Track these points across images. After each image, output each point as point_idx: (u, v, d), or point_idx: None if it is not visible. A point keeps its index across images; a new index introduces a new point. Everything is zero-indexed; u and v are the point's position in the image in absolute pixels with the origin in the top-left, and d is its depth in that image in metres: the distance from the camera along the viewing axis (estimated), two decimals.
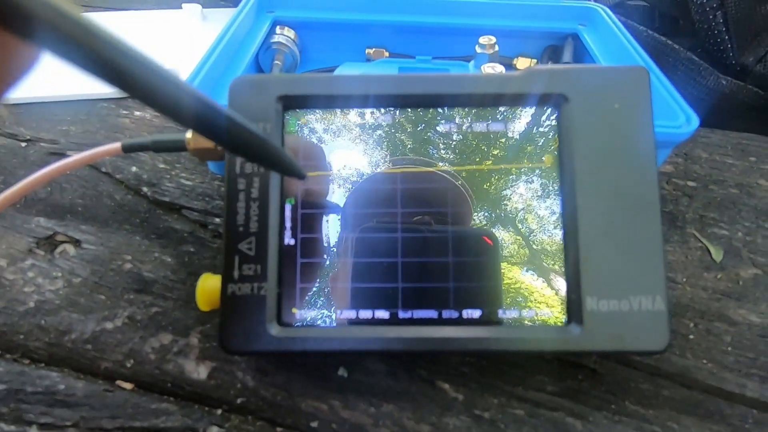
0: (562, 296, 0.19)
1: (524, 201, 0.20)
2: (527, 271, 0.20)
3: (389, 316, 0.19)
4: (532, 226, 0.20)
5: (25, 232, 0.26)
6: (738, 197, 0.30)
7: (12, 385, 0.20)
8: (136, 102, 0.36)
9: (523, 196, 0.20)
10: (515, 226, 0.20)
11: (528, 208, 0.20)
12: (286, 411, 0.20)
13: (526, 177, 0.20)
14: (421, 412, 0.20)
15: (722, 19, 0.35)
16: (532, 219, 0.20)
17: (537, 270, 0.20)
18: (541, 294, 0.19)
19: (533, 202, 0.20)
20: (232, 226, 0.19)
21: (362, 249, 0.20)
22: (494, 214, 0.20)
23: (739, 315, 0.24)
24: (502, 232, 0.20)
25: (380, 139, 0.21)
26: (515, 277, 0.20)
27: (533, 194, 0.20)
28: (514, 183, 0.20)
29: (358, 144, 0.21)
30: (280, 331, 0.19)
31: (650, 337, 0.18)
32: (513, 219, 0.20)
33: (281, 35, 0.36)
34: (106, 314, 0.23)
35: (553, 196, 0.20)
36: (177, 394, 0.20)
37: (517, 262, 0.20)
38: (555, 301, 0.19)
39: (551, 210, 0.20)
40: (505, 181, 0.20)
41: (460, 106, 0.21)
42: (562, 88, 0.20)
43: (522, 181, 0.20)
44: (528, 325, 0.19)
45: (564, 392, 0.21)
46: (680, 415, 0.20)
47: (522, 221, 0.20)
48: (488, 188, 0.20)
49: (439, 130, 0.21)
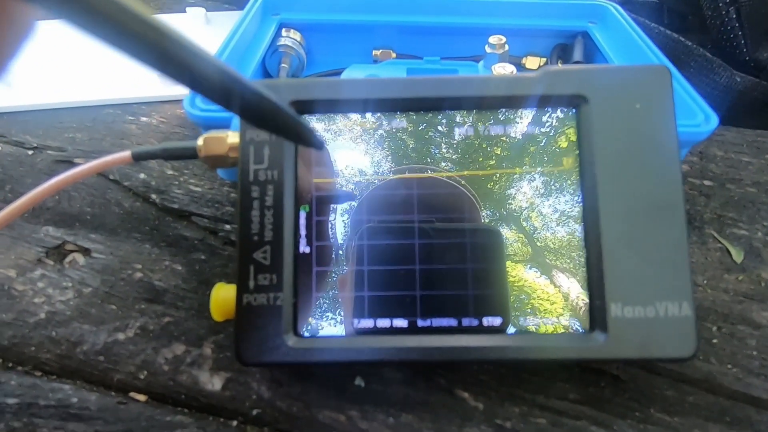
0: (586, 303, 0.19)
1: (542, 205, 0.20)
2: (547, 277, 0.19)
3: (408, 324, 0.19)
4: (552, 231, 0.19)
5: (34, 242, 0.26)
6: (756, 196, 0.30)
7: (24, 398, 0.20)
8: (142, 107, 0.36)
9: (540, 200, 0.20)
10: (530, 232, 0.20)
11: (545, 212, 0.20)
12: (303, 422, 0.20)
13: (542, 180, 0.20)
14: (441, 423, 0.20)
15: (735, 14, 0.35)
16: (552, 224, 0.20)
17: (558, 276, 0.19)
18: (563, 301, 0.19)
19: (551, 207, 0.20)
20: (247, 235, 0.19)
21: (375, 256, 0.19)
22: (506, 218, 0.20)
23: (763, 317, 0.23)
24: (515, 233, 0.19)
25: (393, 145, 0.20)
26: (534, 283, 0.19)
27: (550, 198, 0.20)
28: (529, 187, 0.20)
29: (371, 149, 0.20)
30: (297, 342, 0.18)
31: (677, 343, 0.18)
32: (528, 224, 0.20)
33: (287, 38, 0.36)
34: (118, 325, 0.22)
35: (573, 200, 0.20)
36: (191, 406, 0.20)
37: (534, 268, 0.19)
38: (578, 307, 0.19)
39: (571, 214, 0.19)
40: (520, 186, 0.20)
41: (477, 109, 0.20)
42: (581, 89, 0.19)
43: (537, 186, 0.20)
44: (551, 333, 0.19)
45: (587, 400, 0.20)
46: (707, 422, 0.20)
47: (540, 226, 0.20)
48: (500, 192, 0.20)
49: (454, 135, 0.20)
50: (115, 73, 0.38)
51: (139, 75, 0.38)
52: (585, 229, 0.19)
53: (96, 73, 0.38)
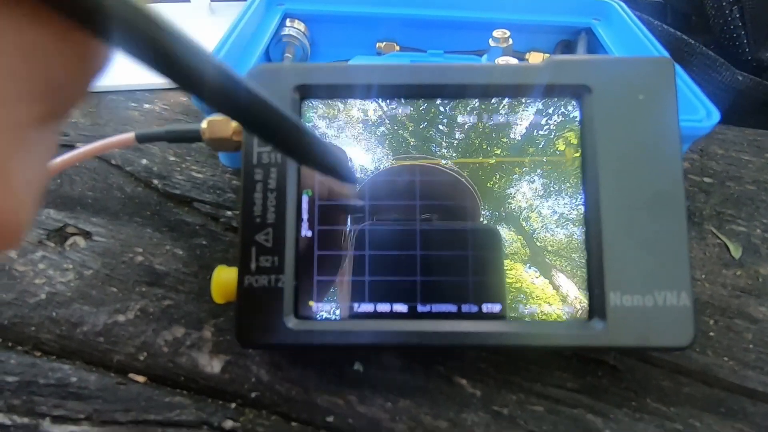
0: (585, 291, 0.19)
1: (542, 195, 0.20)
2: (547, 265, 0.19)
3: (407, 309, 0.19)
4: (552, 221, 0.20)
5: (35, 224, 0.26)
6: (755, 194, 0.30)
7: (24, 377, 0.20)
8: (145, 94, 0.36)
9: (541, 189, 0.20)
10: (533, 221, 0.20)
11: (547, 202, 0.20)
12: (302, 406, 0.20)
13: (544, 170, 0.20)
14: (439, 408, 0.20)
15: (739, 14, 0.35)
16: (552, 213, 0.20)
17: (558, 264, 0.19)
18: (563, 289, 0.19)
19: (552, 196, 0.20)
20: (249, 217, 0.19)
21: (377, 241, 0.19)
22: (507, 209, 0.20)
23: (759, 312, 0.23)
24: (515, 227, 0.20)
25: (395, 132, 0.20)
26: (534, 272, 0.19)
27: (551, 188, 0.20)
28: (531, 176, 0.20)
29: (375, 136, 0.20)
30: (298, 324, 0.18)
31: (675, 332, 0.18)
32: (529, 214, 0.20)
33: (291, 28, 0.36)
34: (118, 307, 0.23)
35: (574, 190, 0.20)
36: (190, 388, 0.20)
37: (534, 257, 0.19)
38: (577, 295, 0.19)
39: (572, 204, 0.20)
40: (521, 175, 0.20)
41: (481, 97, 0.20)
42: (585, 79, 0.19)
43: (539, 175, 0.20)
44: (550, 321, 0.19)
45: (584, 389, 0.20)
46: (702, 412, 0.20)
47: (541, 216, 0.20)
48: (499, 181, 0.20)
49: (457, 123, 0.20)
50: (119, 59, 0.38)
51: None
52: (586, 217, 0.19)
53: None
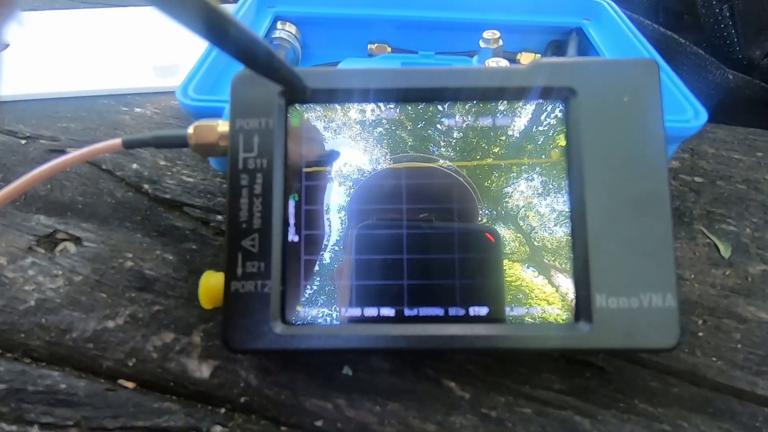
0: (571, 293, 0.19)
1: (528, 197, 0.20)
2: (532, 268, 0.19)
3: (395, 313, 0.19)
4: (536, 223, 0.20)
5: (25, 230, 0.26)
6: (745, 193, 0.30)
7: (13, 384, 0.20)
8: (136, 98, 0.36)
9: (527, 192, 0.20)
10: (517, 223, 0.20)
11: (532, 204, 0.20)
12: (291, 410, 0.20)
13: (530, 173, 0.20)
14: (427, 411, 0.20)
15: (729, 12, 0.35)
16: (536, 215, 0.20)
17: (542, 267, 0.19)
18: (549, 291, 0.19)
19: (537, 199, 0.20)
20: (235, 222, 0.19)
21: (365, 246, 0.19)
22: (497, 210, 0.20)
23: (748, 312, 0.23)
24: (503, 229, 0.20)
25: (382, 136, 0.20)
26: (519, 274, 0.19)
27: (537, 190, 0.20)
28: (517, 179, 0.20)
29: (362, 140, 0.20)
30: (285, 329, 0.18)
31: (660, 334, 0.18)
32: (515, 216, 0.20)
33: (282, 30, 0.36)
34: (108, 313, 0.23)
35: (559, 192, 0.20)
36: (180, 393, 0.20)
37: (520, 260, 0.19)
38: (563, 298, 0.19)
39: (557, 206, 0.20)
40: (509, 177, 0.20)
41: (466, 100, 0.20)
42: (569, 81, 0.19)
43: (525, 177, 0.20)
44: (536, 323, 0.19)
45: (571, 391, 0.20)
46: (690, 413, 0.20)
47: (525, 218, 0.20)
48: (491, 185, 0.20)
49: (443, 126, 0.20)
50: (110, 63, 0.38)
51: (133, 66, 0.38)
52: (571, 219, 0.19)
53: (91, 63, 0.38)
